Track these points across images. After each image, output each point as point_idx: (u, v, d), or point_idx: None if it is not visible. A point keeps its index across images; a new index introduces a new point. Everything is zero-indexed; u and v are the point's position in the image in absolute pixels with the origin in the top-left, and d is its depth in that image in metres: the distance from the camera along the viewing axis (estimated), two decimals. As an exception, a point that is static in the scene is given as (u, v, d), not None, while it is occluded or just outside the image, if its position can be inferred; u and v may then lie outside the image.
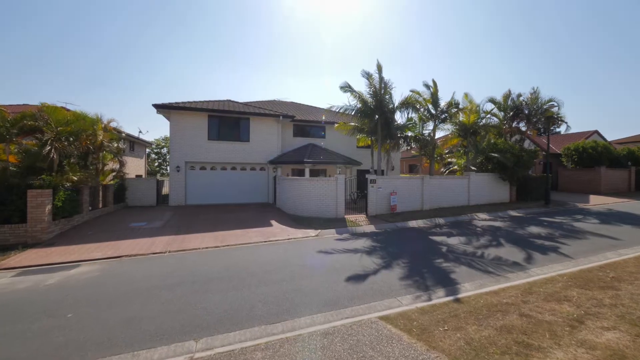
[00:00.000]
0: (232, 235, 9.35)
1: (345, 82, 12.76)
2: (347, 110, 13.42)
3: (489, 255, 6.96)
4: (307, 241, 8.78)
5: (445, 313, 3.95)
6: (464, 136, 16.00)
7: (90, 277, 5.97)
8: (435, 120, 14.70)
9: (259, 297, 4.85)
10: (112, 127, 13.45)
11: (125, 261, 7.10)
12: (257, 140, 17.28)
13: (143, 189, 15.83)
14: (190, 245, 8.29)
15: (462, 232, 9.65)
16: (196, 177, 16.43)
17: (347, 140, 20.20)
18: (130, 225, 10.77)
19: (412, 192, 13.74)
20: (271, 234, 9.58)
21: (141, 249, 8.06)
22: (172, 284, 5.45)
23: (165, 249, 8.04)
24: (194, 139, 16.02)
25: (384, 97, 12.80)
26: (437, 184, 14.38)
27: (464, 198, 15.14)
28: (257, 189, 17.54)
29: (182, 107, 15.51)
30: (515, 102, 17.01)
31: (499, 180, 15.95)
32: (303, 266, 6.36)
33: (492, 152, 15.11)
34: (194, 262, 6.81)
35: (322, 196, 12.16)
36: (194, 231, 9.90)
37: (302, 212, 12.52)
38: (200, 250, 7.87)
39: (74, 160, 10.73)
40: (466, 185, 15.17)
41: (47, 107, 9.46)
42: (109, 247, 8.15)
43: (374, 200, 12.76)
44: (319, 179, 12.31)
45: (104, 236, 9.26)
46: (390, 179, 13.41)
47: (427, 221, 11.50)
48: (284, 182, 14.08)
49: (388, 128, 13.46)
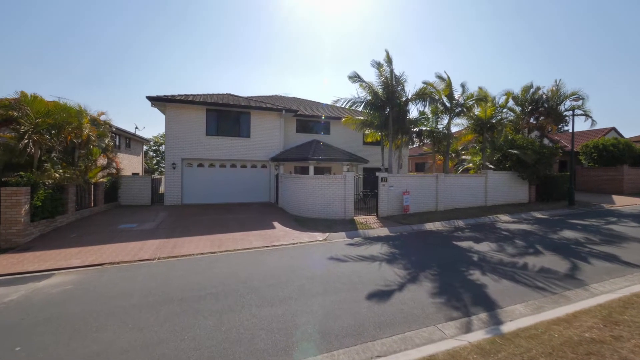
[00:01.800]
0: (230, 239, 8.37)
1: (354, 72, 11.75)
2: (356, 103, 12.40)
3: (531, 266, 5.94)
4: (315, 246, 7.79)
5: (515, 355, 2.93)
6: (479, 132, 14.95)
7: (60, 292, 4.99)
8: (450, 114, 13.66)
9: (261, 322, 3.86)
10: (102, 121, 12.48)
11: (106, 270, 6.13)
12: (259, 136, 16.29)
13: (137, 188, 14.86)
14: (183, 251, 7.32)
15: (488, 236, 8.63)
16: (193, 174, 15.45)
17: (353, 137, 19.22)
18: (119, 227, 9.80)
19: (426, 192, 12.73)
20: (274, 237, 8.60)
21: (127, 255, 7.09)
22: (157, 302, 4.47)
23: (154, 255, 7.07)
24: (191, 135, 15.04)
25: (396, 88, 11.78)
26: (453, 183, 13.35)
27: (481, 198, 14.10)
28: (258, 187, 16.55)
29: (179, 100, 14.52)
30: (533, 95, 15.92)
31: (517, 179, 14.90)
32: (313, 278, 5.37)
33: (511, 148, 14.05)
34: (185, 272, 5.83)
35: (329, 196, 11.16)
36: (189, 234, 8.93)
37: (307, 212, 11.53)
38: (194, 257, 6.89)
39: (56, 156, 9.77)
40: (483, 185, 14.13)
41: (25, 96, 8.49)
42: (91, 253, 7.19)
43: (385, 201, 11.75)
44: (325, 176, 11.32)
45: (88, 239, 8.30)
46: (402, 177, 12.39)
47: (445, 223, 10.48)
48: (287, 180, 13.09)
49: (400, 122, 12.44)
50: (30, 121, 8.25)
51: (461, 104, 13.35)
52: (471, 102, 12.99)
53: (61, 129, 9.01)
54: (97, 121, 12.32)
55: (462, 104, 13.30)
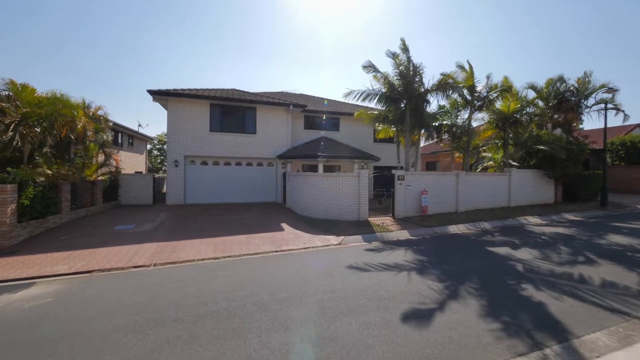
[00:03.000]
0: (235, 243, 7.57)
1: (368, 61, 10.85)
2: (370, 95, 11.51)
3: (591, 279, 5.00)
4: (330, 251, 6.94)
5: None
6: (501, 127, 13.92)
7: (35, 307, 4.22)
8: (471, 107, 12.67)
9: (274, 354, 3.03)
10: (99, 115, 11.80)
11: (94, 278, 5.37)
12: (265, 133, 15.49)
13: (138, 186, 14.17)
14: (182, 256, 6.54)
15: (524, 241, 7.67)
16: (196, 172, 14.71)
17: (363, 134, 18.38)
18: (116, 228, 9.07)
19: (445, 191, 11.78)
20: (283, 241, 7.77)
21: (120, 260, 6.33)
22: (146, 323, 3.67)
23: (150, 260, 6.29)
24: (195, 131, 14.31)
25: (413, 79, 10.85)
26: (474, 182, 12.37)
27: (504, 198, 13.09)
28: (265, 186, 15.75)
29: (181, 94, 13.80)
30: (558, 89, 14.81)
31: (542, 178, 13.84)
32: (332, 292, 4.51)
33: (537, 144, 12.99)
34: (183, 282, 5.02)
35: (341, 195, 10.30)
36: (190, 236, 8.15)
37: (318, 213, 10.68)
38: (194, 264, 6.09)
39: (50, 152, 9.09)
40: (506, 184, 13.12)
41: (14, 84, 7.80)
42: (80, 258, 6.45)
43: (401, 201, 10.84)
44: (337, 174, 10.46)
45: (80, 242, 7.57)
46: (420, 176, 11.46)
47: (469, 226, 9.54)
48: (295, 178, 12.26)
49: (418, 116, 11.51)
50: (17, 112, 7.54)
51: (483, 96, 12.34)
52: (495, 93, 11.97)
53: (53, 122, 8.31)
54: (94, 116, 11.64)
55: (485, 97, 12.29)
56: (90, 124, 9.69)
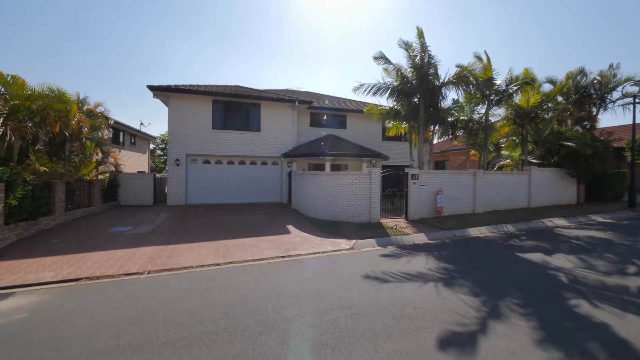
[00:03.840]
0: (238, 247, 6.95)
1: (379, 52, 10.16)
2: (381, 89, 10.81)
3: (652, 293, 4.27)
4: (341, 258, 6.28)
5: None
6: (519, 123, 13.13)
7: (6, 325, 3.64)
8: (488, 102, 11.90)
9: (284, 397, 2.38)
10: (98, 112, 11.30)
11: (80, 288, 4.78)
12: (269, 130, 14.89)
13: (138, 186, 13.66)
14: (180, 262, 5.93)
15: (557, 246, 6.93)
16: (199, 172, 14.16)
17: (371, 132, 17.71)
18: (112, 230, 8.52)
19: (461, 191, 11.04)
20: (290, 245, 7.13)
21: (111, 266, 5.75)
22: (130, 348, 3.05)
23: (144, 267, 5.70)
24: (197, 128, 13.76)
25: (428, 70, 10.13)
26: (492, 181, 11.60)
27: (523, 198, 12.30)
28: (269, 186, 15.15)
29: (182, 90, 13.26)
30: (579, 82, 13.95)
31: (564, 177, 13.02)
32: (350, 309, 3.86)
33: (560, 140, 12.17)
34: (178, 294, 4.41)
35: (351, 195, 9.63)
36: (190, 239, 7.56)
37: (326, 214, 10.03)
38: (193, 272, 5.48)
39: (42, 148, 8.58)
40: (526, 183, 12.33)
41: (2, 76, 7.28)
42: (69, 263, 5.89)
43: (415, 201, 10.14)
44: (347, 173, 9.80)
45: (72, 246, 7.02)
46: (435, 174, 10.74)
47: (491, 229, 8.80)
48: (302, 178, 11.62)
49: (433, 111, 10.79)
50: (5, 105, 7.02)
51: (502, 90, 11.56)
52: (515, 87, 11.17)
53: (46, 117, 7.79)
54: (93, 112, 11.15)
55: (503, 90, 11.51)
56: (86, 120, 9.17)
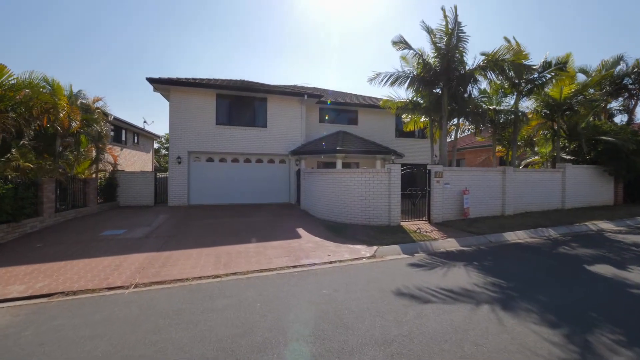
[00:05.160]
0: (242, 254, 6.03)
1: (398, 36, 9.14)
2: (399, 78, 9.82)
3: None
4: (363, 268, 5.30)
5: None
6: (549, 117, 11.96)
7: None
8: (518, 92, 10.78)
9: None
10: (95, 107, 10.56)
11: (49, 307, 3.92)
12: (277, 126, 14.00)
13: (139, 186, 12.91)
14: (173, 273, 5.04)
15: (621, 255, 5.84)
16: (201, 170, 13.35)
17: (384, 128, 16.72)
18: (103, 233, 7.70)
19: (488, 190, 9.96)
20: (301, 252, 6.18)
21: (94, 277, 4.90)
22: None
23: (131, 279, 4.83)
24: (199, 124, 12.96)
25: (454, 55, 9.07)
26: (523, 180, 10.48)
27: (556, 199, 11.13)
28: (276, 186, 14.25)
29: (185, 83, 12.47)
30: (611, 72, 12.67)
31: (601, 175, 11.80)
32: (388, 345, 2.88)
33: (598, 135, 10.97)
34: (166, 319, 3.50)
35: (369, 195, 8.65)
36: (188, 245, 6.68)
37: (339, 216, 9.07)
38: (188, 285, 4.58)
39: (29, 143, 7.83)
40: (559, 182, 11.16)
41: (-19, 63, 6.52)
42: (47, 274, 5.06)
43: (439, 201, 9.11)
44: (363, 170, 8.81)
45: (55, 251, 6.21)
46: (460, 172, 9.69)
47: (530, 233, 7.72)
48: (312, 176, 10.68)
49: (458, 101, 9.74)
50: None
51: (533, 78, 10.42)
52: (554, 72, 9.98)
53: (31, 108, 7.02)
54: (90, 107, 10.40)
55: (537, 78, 10.36)
56: (76, 112, 8.40)
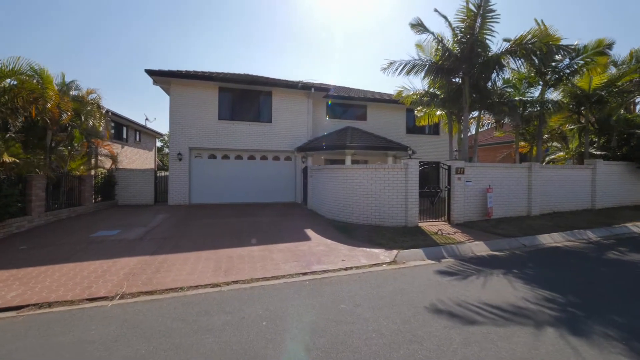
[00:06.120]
0: (245, 259, 5.34)
1: (417, 19, 8.38)
2: (416, 67, 9.04)
3: None
4: (386, 277, 4.56)
5: None
6: (575, 110, 11.07)
7: None
8: (545, 82, 9.92)
9: None
10: (90, 100, 9.97)
11: (14, 325, 3.27)
12: (282, 121, 13.32)
13: (138, 184, 12.32)
14: (166, 281, 4.37)
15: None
16: (203, 167, 12.72)
17: (394, 124, 15.96)
18: (95, 234, 7.07)
19: (513, 189, 9.15)
20: (312, 256, 5.47)
21: (76, 285, 4.25)
22: None
23: (118, 287, 4.17)
24: (201, 119, 12.33)
25: (477, 38, 8.26)
26: (550, 177, 9.65)
27: (585, 198, 10.26)
28: (282, 184, 13.57)
29: (186, 75, 11.85)
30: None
31: (633, 172, 10.89)
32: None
33: (631, 129, 10.07)
34: (147, 345, 2.81)
35: (383, 193, 7.90)
36: (186, 248, 6.01)
37: (351, 216, 8.34)
38: (182, 296, 3.90)
39: (16, 136, 7.24)
40: (588, 179, 10.29)
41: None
42: (24, 280, 4.42)
43: (460, 200, 8.33)
44: (378, 166, 8.07)
45: (39, 255, 5.58)
46: (483, 168, 8.88)
47: (566, 236, 6.91)
48: (321, 173, 9.97)
49: (481, 91, 8.94)
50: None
51: (562, 67, 9.56)
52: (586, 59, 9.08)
53: (15, 97, 6.42)
54: (83, 99, 9.82)
55: (564, 68, 9.49)
56: (67, 103, 7.80)
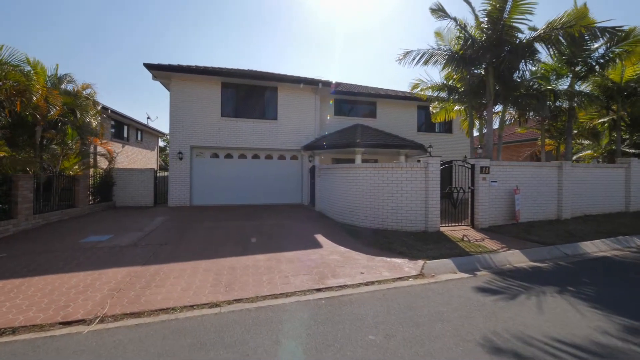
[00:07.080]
0: (249, 270, 4.64)
1: (437, 3, 7.63)
2: (434, 56, 8.31)
3: None
4: (416, 295, 3.83)
5: None
6: (604, 105, 10.22)
7: None
8: (574, 73, 9.09)
9: None
10: (84, 95, 9.38)
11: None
12: (288, 119, 12.64)
13: (137, 184, 11.72)
14: (156, 298, 3.69)
15: None
16: (205, 167, 12.09)
17: (405, 121, 15.26)
18: (85, 240, 6.44)
19: (542, 190, 8.35)
20: (326, 267, 4.75)
21: (49, 305, 3.58)
22: None
23: (98, 308, 3.49)
24: (203, 116, 11.70)
25: (504, 23, 7.47)
26: (582, 177, 8.83)
27: (619, 199, 9.43)
28: (287, 184, 12.89)
29: (187, 70, 11.23)
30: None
31: (670, 172, 10.01)
32: None
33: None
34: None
35: (401, 195, 7.17)
36: (183, 256, 5.33)
37: (364, 220, 7.61)
38: (174, 320, 3.21)
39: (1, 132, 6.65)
40: (622, 179, 9.45)
41: None
42: (-11, 298, 3.77)
43: (485, 202, 7.56)
44: (395, 165, 7.34)
45: (17, 264, 4.95)
46: (509, 167, 8.09)
47: (611, 243, 6.12)
48: (330, 173, 9.25)
49: (507, 82, 8.16)
50: None
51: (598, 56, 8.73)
52: (626, 47, 8.25)
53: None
54: (78, 94, 9.24)
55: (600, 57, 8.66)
56: (56, 97, 7.18)
